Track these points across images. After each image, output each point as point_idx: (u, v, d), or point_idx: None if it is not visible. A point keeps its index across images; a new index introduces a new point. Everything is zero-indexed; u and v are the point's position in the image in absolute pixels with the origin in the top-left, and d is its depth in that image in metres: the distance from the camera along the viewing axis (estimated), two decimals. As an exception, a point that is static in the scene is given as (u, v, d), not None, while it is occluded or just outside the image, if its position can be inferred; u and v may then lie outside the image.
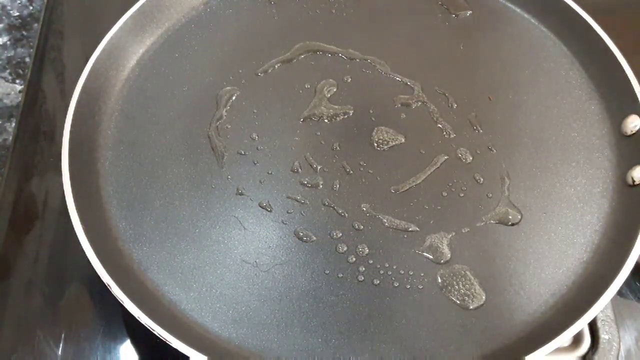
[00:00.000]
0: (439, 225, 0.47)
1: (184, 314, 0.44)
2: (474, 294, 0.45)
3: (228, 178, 0.50)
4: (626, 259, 0.43)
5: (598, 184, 0.49)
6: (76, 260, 0.45)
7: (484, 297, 0.45)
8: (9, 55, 0.63)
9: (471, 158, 0.50)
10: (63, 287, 0.49)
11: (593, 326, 0.46)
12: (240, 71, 0.54)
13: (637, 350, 0.48)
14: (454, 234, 0.47)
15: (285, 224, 0.48)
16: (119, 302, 0.42)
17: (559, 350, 0.45)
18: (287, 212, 0.48)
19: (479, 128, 0.52)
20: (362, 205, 0.48)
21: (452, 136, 0.51)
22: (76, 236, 0.44)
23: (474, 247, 0.47)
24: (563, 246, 0.47)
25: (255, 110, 0.53)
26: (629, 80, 0.50)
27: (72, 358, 0.47)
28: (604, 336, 0.46)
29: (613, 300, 0.43)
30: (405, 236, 0.47)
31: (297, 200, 0.49)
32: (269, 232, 0.47)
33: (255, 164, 0.50)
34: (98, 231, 0.46)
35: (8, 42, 0.64)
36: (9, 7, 0.66)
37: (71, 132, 0.48)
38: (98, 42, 0.52)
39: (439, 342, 0.44)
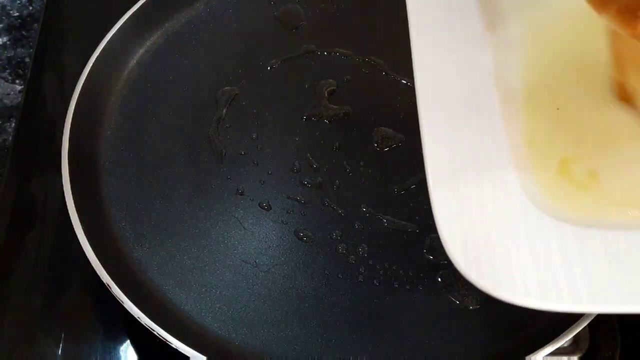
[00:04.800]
0: (439, 225, 0.47)
1: (184, 314, 0.44)
2: (474, 294, 0.45)
3: (228, 178, 0.50)
4: (626, 259, 0.43)
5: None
6: (76, 260, 0.45)
7: (484, 298, 0.45)
8: (8, 55, 0.63)
9: (471, 158, 0.50)
10: (63, 287, 0.49)
11: (593, 327, 0.46)
12: (240, 71, 0.54)
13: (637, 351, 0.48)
14: (454, 234, 0.47)
15: (285, 224, 0.48)
16: (119, 302, 0.42)
17: (559, 350, 0.45)
18: (287, 212, 0.48)
19: (479, 128, 0.52)
20: (362, 205, 0.48)
21: (452, 136, 0.51)
22: (76, 236, 0.44)
23: (474, 247, 0.47)
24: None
25: (255, 110, 0.53)
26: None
27: (72, 358, 0.47)
28: (604, 337, 0.46)
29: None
30: (405, 236, 0.47)
31: (297, 200, 0.49)
32: (269, 232, 0.47)
33: (255, 164, 0.50)
34: (98, 231, 0.46)
35: (8, 42, 0.64)
36: (8, 7, 0.66)
37: (71, 132, 0.48)
38: (98, 42, 0.52)
39: (439, 343, 0.43)
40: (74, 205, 0.45)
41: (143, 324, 0.41)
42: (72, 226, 0.44)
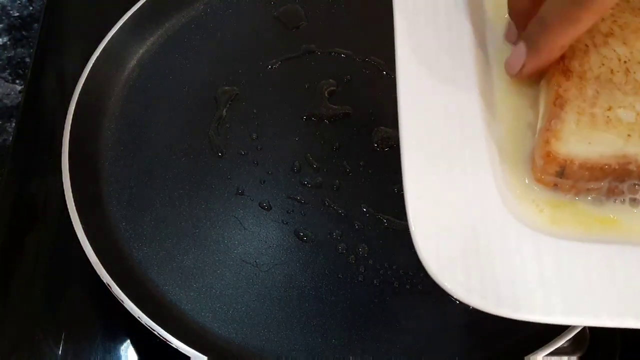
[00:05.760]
0: (439, 225, 0.47)
1: (184, 314, 0.44)
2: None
3: (228, 178, 0.50)
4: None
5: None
6: (76, 260, 0.45)
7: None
8: (9, 55, 0.63)
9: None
10: (63, 287, 0.49)
11: (593, 327, 0.46)
12: (240, 71, 0.54)
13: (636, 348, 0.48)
14: (454, 234, 0.47)
15: (286, 223, 0.48)
16: (119, 302, 0.42)
17: (559, 350, 0.45)
18: (287, 212, 0.48)
19: (479, 128, 0.52)
20: (362, 205, 0.48)
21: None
22: (76, 236, 0.44)
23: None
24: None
25: (255, 110, 0.53)
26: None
27: (72, 358, 0.47)
28: (603, 337, 0.46)
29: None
30: (405, 236, 0.47)
31: (297, 200, 0.49)
32: (269, 232, 0.47)
33: (255, 164, 0.50)
34: (98, 231, 0.46)
35: (8, 42, 0.64)
36: (9, 7, 0.66)
37: (71, 132, 0.48)
38: (98, 42, 0.52)
39: (439, 343, 0.43)
40: (74, 205, 0.45)
41: (143, 324, 0.41)
42: (72, 226, 0.44)
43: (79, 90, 0.50)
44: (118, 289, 0.42)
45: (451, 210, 0.33)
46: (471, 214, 0.32)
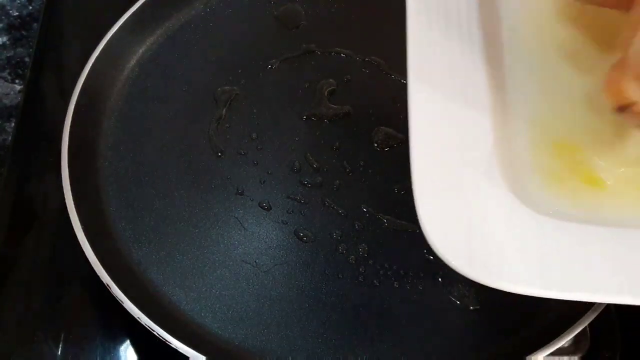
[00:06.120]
0: (439, 225, 0.47)
1: (183, 314, 0.44)
2: (474, 294, 0.45)
3: (228, 178, 0.50)
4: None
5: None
6: (76, 260, 0.45)
7: (484, 298, 0.45)
8: (8, 55, 0.63)
9: (471, 158, 0.50)
10: (63, 287, 0.49)
11: (594, 327, 0.46)
12: (240, 71, 0.54)
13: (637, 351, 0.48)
14: (454, 234, 0.47)
15: (286, 224, 0.48)
16: (119, 302, 0.42)
17: (560, 351, 0.45)
18: (287, 212, 0.48)
19: (479, 128, 0.52)
20: (362, 205, 0.48)
21: (452, 136, 0.51)
22: (76, 236, 0.44)
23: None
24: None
25: (255, 110, 0.53)
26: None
27: (72, 358, 0.47)
28: (604, 337, 0.46)
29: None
30: (405, 236, 0.47)
31: (297, 200, 0.49)
32: (269, 232, 0.47)
33: (255, 164, 0.50)
34: (98, 231, 0.46)
35: (7, 42, 0.64)
36: (8, 7, 0.66)
37: (71, 132, 0.48)
38: (98, 42, 0.52)
39: (439, 343, 0.43)
40: (73, 205, 0.45)
41: (143, 324, 0.41)
42: (72, 226, 0.44)
43: (79, 90, 0.50)
44: (117, 289, 0.42)
45: (457, 194, 0.34)
46: (476, 198, 0.34)
